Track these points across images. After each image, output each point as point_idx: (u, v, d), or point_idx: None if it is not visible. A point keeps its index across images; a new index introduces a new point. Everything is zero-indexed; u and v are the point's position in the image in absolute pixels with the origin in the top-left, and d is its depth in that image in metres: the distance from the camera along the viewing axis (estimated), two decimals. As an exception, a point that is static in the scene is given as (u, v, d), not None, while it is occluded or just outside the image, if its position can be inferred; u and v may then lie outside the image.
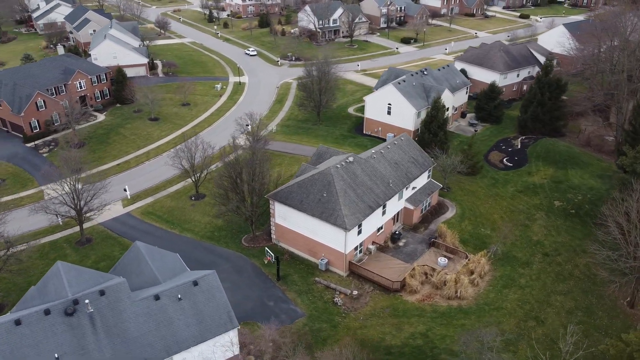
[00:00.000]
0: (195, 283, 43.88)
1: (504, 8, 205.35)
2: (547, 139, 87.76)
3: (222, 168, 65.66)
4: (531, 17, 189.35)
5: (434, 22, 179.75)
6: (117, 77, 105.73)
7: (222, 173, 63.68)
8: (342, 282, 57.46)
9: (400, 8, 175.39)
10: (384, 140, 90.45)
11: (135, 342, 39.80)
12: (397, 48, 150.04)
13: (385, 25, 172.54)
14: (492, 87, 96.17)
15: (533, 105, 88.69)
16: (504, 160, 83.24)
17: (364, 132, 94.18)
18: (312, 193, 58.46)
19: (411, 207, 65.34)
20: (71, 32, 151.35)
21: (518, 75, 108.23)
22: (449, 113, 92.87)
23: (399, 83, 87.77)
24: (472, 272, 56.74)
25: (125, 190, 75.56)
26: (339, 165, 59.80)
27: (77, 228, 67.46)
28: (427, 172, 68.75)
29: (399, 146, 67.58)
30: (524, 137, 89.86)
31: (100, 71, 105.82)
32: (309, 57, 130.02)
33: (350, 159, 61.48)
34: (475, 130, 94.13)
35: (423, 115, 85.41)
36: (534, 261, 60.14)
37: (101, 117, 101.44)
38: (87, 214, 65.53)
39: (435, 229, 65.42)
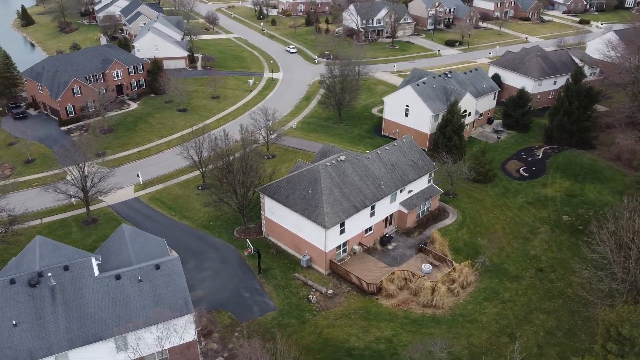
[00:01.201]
0: (157, 267, 45.27)
1: (564, 13, 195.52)
2: (572, 151, 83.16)
3: (215, 158, 66.98)
4: (592, 22, 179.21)
5: (484, 25, 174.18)
6: (153, 68, 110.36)
7: (216, 163, 65.15)
8: (321, 280, 57.32)
9: (449, 10, 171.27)
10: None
11: (90, 317, 41.64)
12: (438, 50, 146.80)
13: (432, 27, 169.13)
14: (521, 93, 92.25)
15: (559, 114, 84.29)
16: (521, 169, 79.72)
17: (382, 133, 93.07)
18: (298, 189, 58.71)
19: (405, 210, 64.05)
20: (125, 25, 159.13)
21: (555, 83, 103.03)
22: (472, 118, 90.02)
23: (418, 85, 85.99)
24: (453, 281, 54.94)
25: (138, 176, 78.85)
26: (328, 164, 59.66)
27: (92, 207, 71.54)
28: (427, 176, 67.11)
29: (399, 148, 66.38)
30: (547, 147, 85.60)
31: (137, 62, 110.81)
32: (346, 56, 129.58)
33: (342, 157, 61.14)
34: (498, 137, 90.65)
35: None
36: (525, 276, 57.37)
37: (134, 105, 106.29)
38: (95, 196, 69.05)
39: (429, 234, 63.79)
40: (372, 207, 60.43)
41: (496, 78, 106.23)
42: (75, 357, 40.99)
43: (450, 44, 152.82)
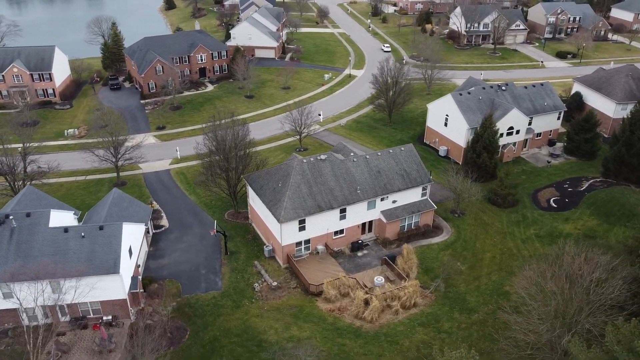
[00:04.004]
0: (100, 227, 50.90)
1: None
2: (624, 187, 72.23)
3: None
4: None
5: (614, 37, 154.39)
6: (234, 55, 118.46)
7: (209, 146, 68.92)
8: (275, 272, 58.62)
9: (574, 18, 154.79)
10: (437, 151, 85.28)
11: (33, 260, 48.48)
12: (541, 62, 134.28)
13: (550, 36, 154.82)
14: (588, 116, 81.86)
15: (618, 144, 73.52)
16: (552, 199, 71.55)
17: (424, 141, 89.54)
18: (272, 181, 60.49)
19: (384, 220, 62.07)
20: (240, 13, 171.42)
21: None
22: (522, 137, 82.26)
23: (460, 94, 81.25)
24: (393, 299, 52.52)
25: (177, 150, 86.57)
26: (305, 160, 60.38)
27: (129, 173, 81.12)
28: (419, 189, 63.98)
29: (393, 155, 64.16)
30: (598, 180, 75.33)
31: (222, 48, 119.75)
32: (437, 59, 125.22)
33: (323, 156, 61.30)
34: (549, 162, 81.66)
35: (480, 133, 77.85)
36: (481, 311, 52.56)
37: (210, 87, 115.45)
38: (126, 163, 77.91)
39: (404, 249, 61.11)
40: (343, 210, 59.79)
41: (577, 97, 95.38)
42: (17, 290, 48.14)
43: (561, 55, 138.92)
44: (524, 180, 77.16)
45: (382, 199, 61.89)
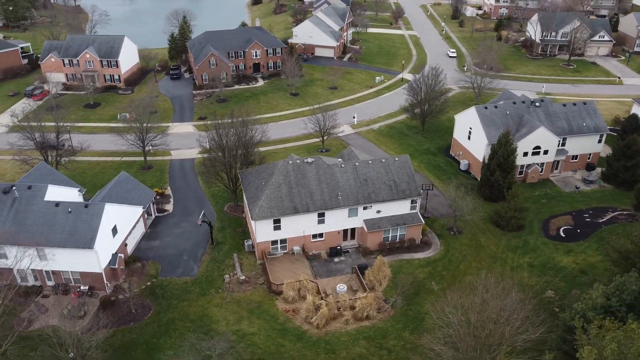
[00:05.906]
0: (86, 206, 55.96)
1: None
2: (651, 224, 64.91)
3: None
4: None
5: None
6: (287, 53, 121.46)
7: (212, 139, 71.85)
8: (249, 267, 60.53)
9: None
10: (458, 164, 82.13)
11: (24, 227, 54.54)
12: (619, 78, 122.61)
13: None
14: (630, 142, 74.41)
15: (651, 175, 66.30)
16: (562, 228, 66.28)
17: (450, 152, 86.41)
18: (258, 179, 62.42)
19: (366, 229, 61.48)
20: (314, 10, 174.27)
21: None
22: (551, 158, 76.63)
23: (486, 107, 77.48)
24: (347, 309, 52.26)
25: (206, 140, 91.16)
26: (290, 162, 61.49)
27: (160, 158, 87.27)
28: (408, 201, 62.41)
29: (385, 165, 63.11)
30: (624, 213, 68.40)
31: (277, 45, 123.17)
32: (498, 67, 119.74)
33: (310, 159, 61.97)
34: (577, 188, 75.32)
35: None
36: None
37: (260, 83, 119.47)
38: (153, 149, 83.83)
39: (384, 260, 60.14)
40: (321, 215, 60.15)
41: (633, 119, 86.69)
42: (8, 252, 54.48)
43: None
44: (543, 204, 72.07)
45: (364, 208, 61.34)
